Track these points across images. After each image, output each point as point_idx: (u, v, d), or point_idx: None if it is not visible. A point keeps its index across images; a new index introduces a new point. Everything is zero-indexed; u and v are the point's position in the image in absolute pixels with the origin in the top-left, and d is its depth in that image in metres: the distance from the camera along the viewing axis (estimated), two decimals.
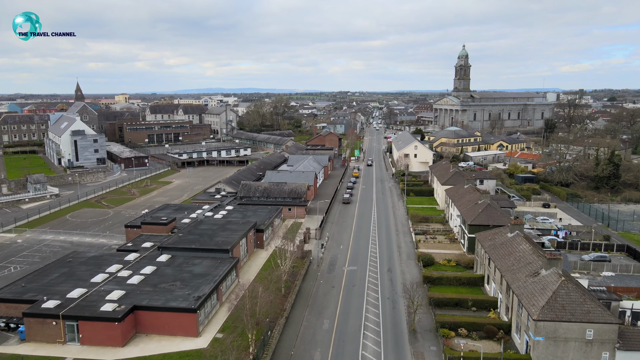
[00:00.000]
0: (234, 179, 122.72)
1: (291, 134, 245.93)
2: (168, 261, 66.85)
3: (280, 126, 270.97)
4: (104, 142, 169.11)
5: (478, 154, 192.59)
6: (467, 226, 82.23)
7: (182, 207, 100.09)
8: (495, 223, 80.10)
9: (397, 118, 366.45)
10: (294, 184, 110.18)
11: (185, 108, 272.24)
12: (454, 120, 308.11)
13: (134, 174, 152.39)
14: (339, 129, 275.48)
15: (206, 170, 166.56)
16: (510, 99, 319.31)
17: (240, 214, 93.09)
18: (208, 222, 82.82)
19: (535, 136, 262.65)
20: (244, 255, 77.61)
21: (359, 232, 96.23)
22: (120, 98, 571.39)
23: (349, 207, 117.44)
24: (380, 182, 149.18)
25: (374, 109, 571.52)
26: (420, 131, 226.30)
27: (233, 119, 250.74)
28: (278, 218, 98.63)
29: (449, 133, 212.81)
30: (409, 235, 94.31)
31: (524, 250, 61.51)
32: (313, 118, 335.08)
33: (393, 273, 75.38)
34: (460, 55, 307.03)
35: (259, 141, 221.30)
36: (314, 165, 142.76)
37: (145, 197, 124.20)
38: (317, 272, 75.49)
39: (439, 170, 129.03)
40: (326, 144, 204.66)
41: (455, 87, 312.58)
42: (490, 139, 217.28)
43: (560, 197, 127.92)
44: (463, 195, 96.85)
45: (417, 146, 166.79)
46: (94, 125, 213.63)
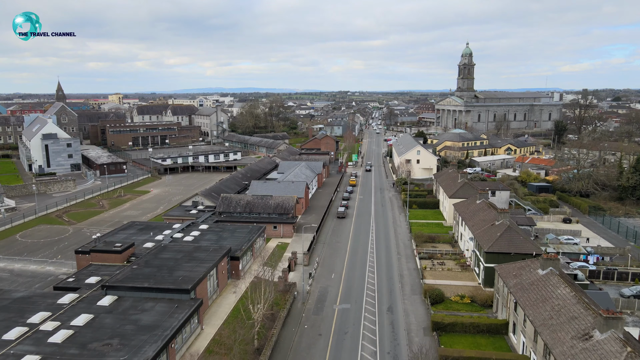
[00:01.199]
0: (215, 190, 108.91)
1: (285, 136, 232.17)
2: (111, 305, 53.06)
3: (275, 128, 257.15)
4: (78, 146, 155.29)
5: (485, 159, 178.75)
6: (482, 253, 68.47)
7: (150, 225, 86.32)
8: (518, 251, 66.42)
9: (398, 119, 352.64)
10: (281, 198, 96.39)
11: (174, 109, 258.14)
12: (457, 121, 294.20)
13: (110, 182, 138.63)
14: (337, 130, 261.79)
15: (189, 178, 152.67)
16: (515, 99, 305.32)
17: (214, 235, 79.32)
18: (173, 249, 69.01)
19: (543, 138, 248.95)
20: (213, 291, 63.82)
21: (354, 256, 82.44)
22: (114, 98, 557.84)
23: (344, 222, 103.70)
24: (380, 192, 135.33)
25: (374, 109, 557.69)
26: (423, 134, 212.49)
27: (224, 120, 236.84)
28: (261, 238, 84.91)
29: (453, 136, 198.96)
30: (413, 260, 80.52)
31: (563, 297, 47.72)
32: (310, 119, 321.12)
33: (394, 314, 61.62)
34: (463, 54, 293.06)
35: (250, 144, 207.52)
36: (306, 173, 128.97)
37: (115, 210, 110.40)
38: (301, 312, 61.74)
39: (445, 179, 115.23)
40: (322, 147, 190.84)
41: (458, 86, 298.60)
42: (497, 142, 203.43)
43: (581, 210, 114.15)
44: (475, 212, 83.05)
45: (419, 151, 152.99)
46: (73, 127, 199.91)
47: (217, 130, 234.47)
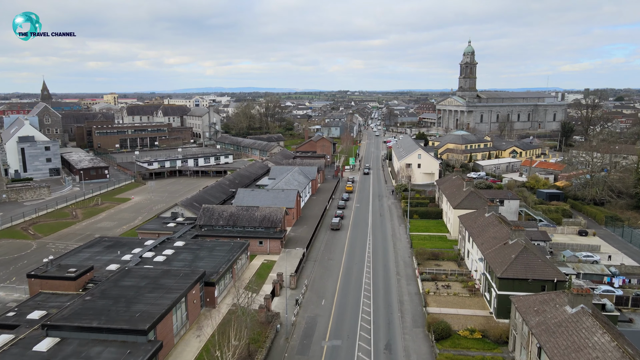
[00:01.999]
0: (197, 199, 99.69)
1: (281, 137, 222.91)
2: (50, 352, 43.83)
3: (270, 129, 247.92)
4: (57, 149, 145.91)
5: (490, 162, 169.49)
6: (495, 279, 59.30)
7: (120, 242, 77.08)
8: (537, 277, 57.26)
9: (398, 119, 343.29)
10: (268, 209, 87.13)
11: (165, 109, 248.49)
12: (458, 122, 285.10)
13: (89, 188, 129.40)
14: (334, 132, 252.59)
15: (176, 183, 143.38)
16: (519, 99, 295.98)
17: (190, 254, 70.13)
18: (137, 273, 59.75)
19: (548, 140, 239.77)
20: (180, 325, 54.56)
21: (349, 277, 73.25)
22: (109, 97, 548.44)
23: (339, 235, 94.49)
24: (378, 199, 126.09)
25: (373, 109, 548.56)
26: (424, 136, 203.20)
27: (217, 121, 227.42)
28: (244, 255, 75.76)
29: (456, 138, 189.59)
30: (414, 282, 71.32)
31: (602, 348, 38.44)
32: (307, 120, 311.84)
33: (393, 353, 52.41)
34: (465, 52, 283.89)
35: (243, 147, 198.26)
36: (299, 179, 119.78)
37: (89, 221, 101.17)
38: (283, 352, 52.52)
39: (449, 187, 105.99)
40: (317, 150, 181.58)
41: (460, 86, 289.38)
42: (502, 145, 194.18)
43: (596, 220, 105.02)
44: (484, 228, 73.86)
45: (420, 155, 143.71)
46: (57, 128, 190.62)
47: (209, 132, 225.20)
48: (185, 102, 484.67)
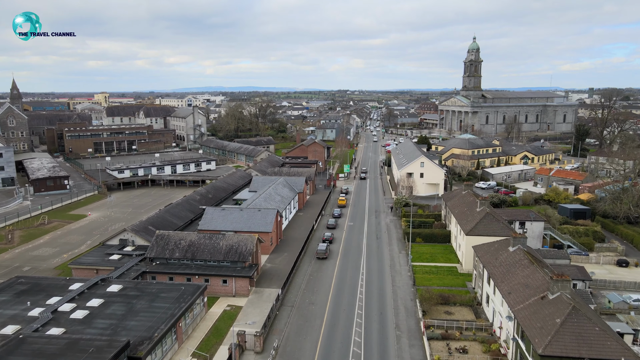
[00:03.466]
0: (154, 222, 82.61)
1: (271, 140, 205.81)
2: None
3: (260, 131, 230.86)
4: (11, 156, 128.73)
5: (500, 170, 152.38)
6: (534, 354, 42.28)
7: (40, 284, 59.95)
8: (597, 355, 40.26)
9: (398, 120, 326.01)
10: (237, 238, 70.00)
11: (147, 110, 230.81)
12: (463, 123, 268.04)
13: (44, 201, 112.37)
14: (329, 134, 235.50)
15: (145, 195, 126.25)
16: (527, 98, 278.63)
17: (123, 306, 53.06)
18: (29, 348, 42.61)
19: (559, 143, 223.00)
20: None
21: (333, 332, 56.15)
22: (100, 97, 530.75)
23: (326, 266, 77.44)
24: (375, 215, 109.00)
25: (373, 109, 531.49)
26: (426, 139, 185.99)
27: (203, 122, 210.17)
28: (200, 301, 58.77)
29: (462, 142, 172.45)
30: (419, 342, 54.22)
31: None
32: (302, 121, 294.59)
33: None
34: (470, 49, 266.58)
35: (229, 151, 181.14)
36: (283, 192, 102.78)
37: (25, 246, 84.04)
38: None
39: (458, 204, 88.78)
40: (309, 156, 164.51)
41: (464, 85, 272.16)
42: (512, 149, 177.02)
43: (634, 244, 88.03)
44: (510, 268, 56.76)
45: (423, 163, 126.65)
46: (22, 131, 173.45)
47: (194, 134, 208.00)
48: (178, 102, 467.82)
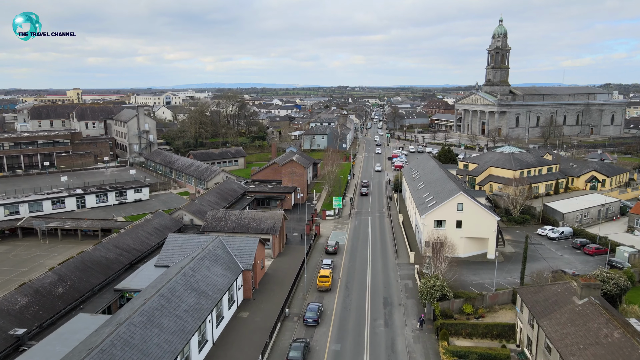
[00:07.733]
0: None
1: (240, 152, 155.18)
2: None
3: (229, 137, 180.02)
4: None
5: (571, 205, 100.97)
6: None
7: None
8: None
9: (404, 121, 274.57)
10: None
11: (81, 112, 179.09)
12: (486, 125, 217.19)
13: None
14: (320, 141, 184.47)
15: (2, 257, 75.68)
16: (564, 95, 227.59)
17: None
18: None
19: (613, 152, 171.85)
20: None
21: None
22: (72, 94, 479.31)
23: None
24: (384, 319, 58.03)
25: (374, 106, 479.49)
26: (451, 152, 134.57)
27: (151, 128, 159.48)
28: None
29: (503, 159, 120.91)
30: None
31: None
32: (288, 123, 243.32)
33: None
34: (495, 34, 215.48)
35: (176, 169, 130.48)
36: (208, 278, 52.15)
37: None
38: None
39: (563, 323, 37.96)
40: (284, 179, 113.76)
41: (487, 79, 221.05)
42: (572, 168, 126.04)
43: None
44: None
45: (462, 204, 75.83)
46: None
47: (139, 144, 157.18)
48: (155, 100, 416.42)
